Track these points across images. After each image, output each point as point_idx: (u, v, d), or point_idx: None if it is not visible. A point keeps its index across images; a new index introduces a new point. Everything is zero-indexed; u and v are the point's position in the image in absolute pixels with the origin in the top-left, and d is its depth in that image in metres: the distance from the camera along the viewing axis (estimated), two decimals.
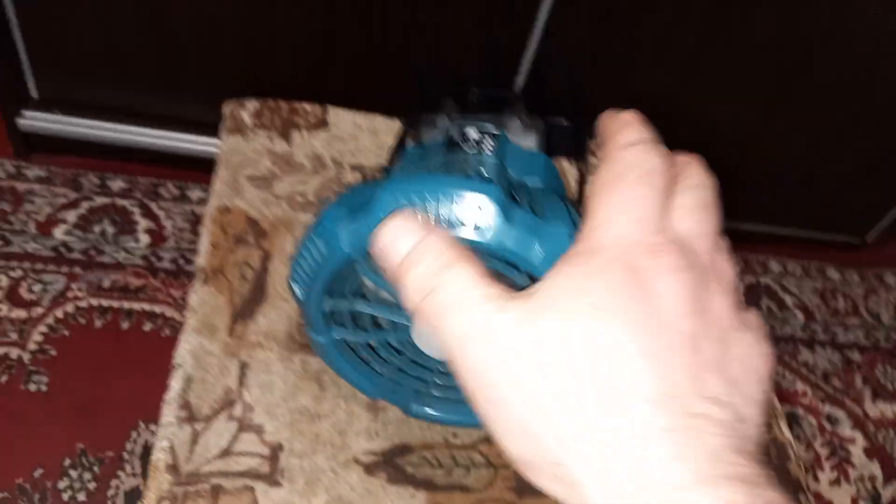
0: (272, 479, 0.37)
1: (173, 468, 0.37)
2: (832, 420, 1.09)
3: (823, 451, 1.05)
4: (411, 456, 0.39)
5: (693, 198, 0.23)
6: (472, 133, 0.34)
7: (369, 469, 0.38)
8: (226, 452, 0.38)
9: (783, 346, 1.17)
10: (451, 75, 1.05)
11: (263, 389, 0.40)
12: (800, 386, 1.13)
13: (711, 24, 0.99)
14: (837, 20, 1.00)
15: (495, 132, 0.34)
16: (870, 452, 1.06)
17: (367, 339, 0.35)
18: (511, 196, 0.28)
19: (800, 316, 1.24)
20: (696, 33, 1.00)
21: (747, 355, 0.21)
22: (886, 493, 1.02)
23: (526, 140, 0.35)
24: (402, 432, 0.40)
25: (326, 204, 0.30)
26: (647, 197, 0.22)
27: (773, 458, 0.43)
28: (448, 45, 1.02)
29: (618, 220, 0.21)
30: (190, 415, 0.39)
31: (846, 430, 1.08)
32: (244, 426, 0.39)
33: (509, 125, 0.36)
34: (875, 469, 1.04)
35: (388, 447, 0.39)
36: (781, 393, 1.12)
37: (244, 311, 0.44)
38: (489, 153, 0.33)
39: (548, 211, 0.28)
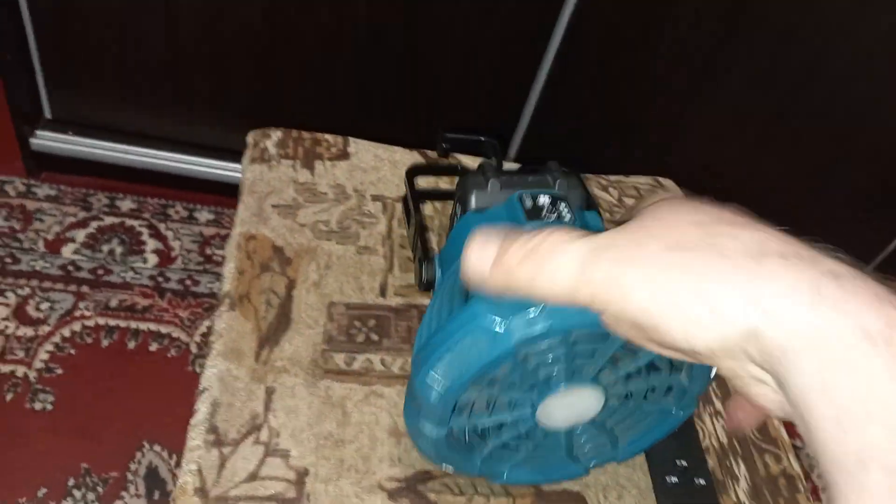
0: (298, 503, 0.38)
1: (201, 491, 0.38)
2: None
3: (821, 483, 1.06)
4: (433, 483, 0.40)
5: None
6: (545, 200, 0.34)
7: (392, 495, 0.39)
8: (252, 476, 0.39)
9: None
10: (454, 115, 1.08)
11: (289, 414, 0.41)
12: None
13: (706, 64, 1.02)
14: (826, 57, 1.03)
15: (564, 196, 0.35)
16: None
17: (489, 423, 0.34)
18: None
19: None
20: (690, 72, 1.03)
21: None
22: None
23: (576, 198, 0.36)
24: (424, 459, 0.41)
25: (461, 301, 0.31)
26: None
27: (783, 490, 0.44)
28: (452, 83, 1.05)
29: None
30: (217, 439, 0.40)
31: None
32: (270, 451, 0.40)
33: (569, 187, 0.36)
34: None
35: (411, 473, 0.40)
36: (786, 426, 1.12)
37: (270, 337, 0.45)
38: (569, 220, 0.33)
39: None
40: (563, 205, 0.34)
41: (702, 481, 0.41)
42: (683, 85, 1.05)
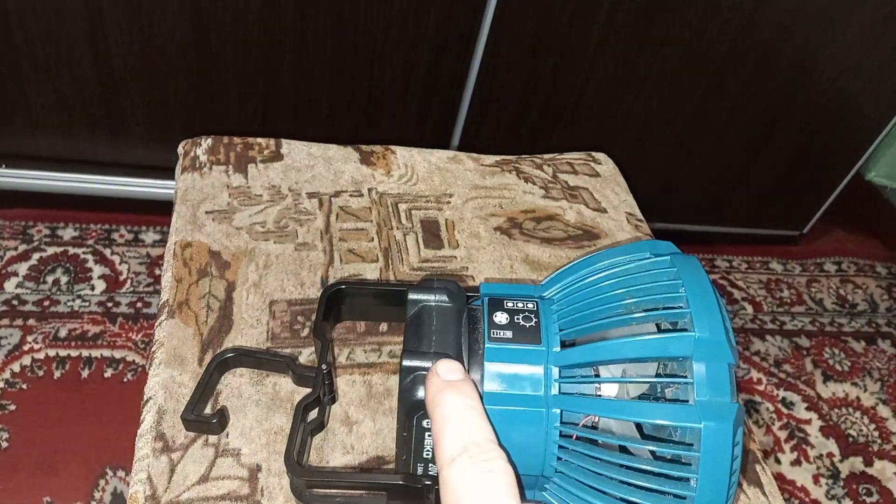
0: (252, 499, 0.38)
1: (152, 498, 0.38)
2: (787, 404, 1.14)
3: (782, 434, 1.10)
4: (388, 467, 0.41)
5: None
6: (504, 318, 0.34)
7: None
8: (204, 478, 0.39)
9: (735, 337, 1.22)
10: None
11: (237, 414, 0.41)
12: (754, 374, 1.18)
13: (636, 39, 1.05)
14: (751, 21, 1.07)
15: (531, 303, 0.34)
16: (825, 431, 1.11)
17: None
18: None
19: (748, 308, 1.29)
20: (623, 47, 1.06)
21: None
22: (844, 468, 1.07)
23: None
24: (376, 445, 0.41)
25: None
26: None
27: None
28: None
29: None
30: (165, 445, 0.40)
31: (801, 412, 1.13)
32: (220, 451, 0.40)
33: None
34: (832, 447, 1.09)
35: (365, 460, 0.41)
36: (738, 382, 1.16)
37: (212, 340, 0.45)
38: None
39: None
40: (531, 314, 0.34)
41: None
42: (616, 65, 1.07)
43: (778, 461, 1.05)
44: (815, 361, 1.21)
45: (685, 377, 0.30)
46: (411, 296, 0.35)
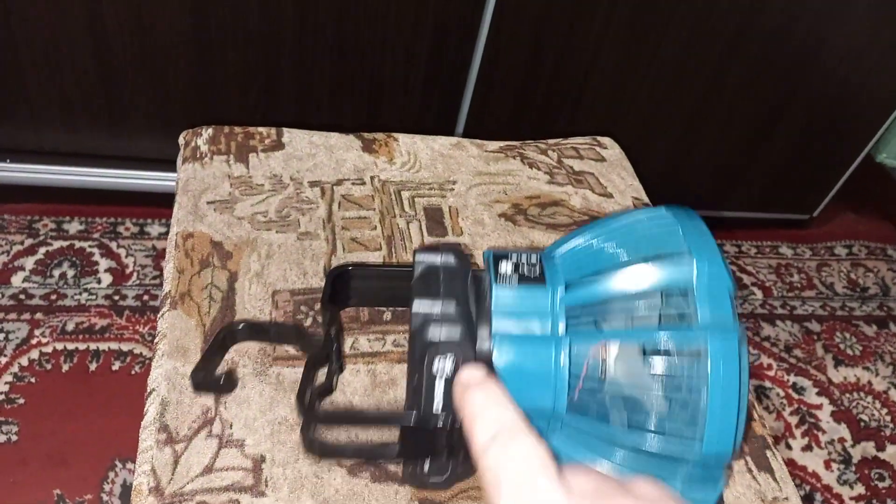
0: (257, 489, 0.38)
1: (157, 489, 0.37)
2: (798, 389, 1.13)
3: (793, 420, 1.09)
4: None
5: None
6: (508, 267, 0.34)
7: (352, 471, 0.39)
8: (208, 469, 0.38)
9: (745, 322, 1.21)
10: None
11: (241, 405, 0.41)
12: (764, 360, 1.17)
13: (642, 21, 1.03)
14: (761, 7, 1.05)
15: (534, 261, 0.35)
16: (837, 416, 1.10)
17: None
18: None
19: (758, 293, 1.28)
20: (628, 31, 1.04)
21: None
22: (856, 453, 1.06)
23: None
24: (381, 433, 0.41)
25: None
26: None
27: None
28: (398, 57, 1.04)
29: None
30: (169, 437, 0.39)
31: (812, 397, 1.12)
32: (224, 442, 0.40)
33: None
34: (843, 432, 1.08)
35: (370, 449, 0.40)
36: (750, 367, 1.15)
37: (215, 331, 0.44)
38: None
39: None
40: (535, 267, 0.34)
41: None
42: (621, 48, 1.06)
43: (789, 447, 1.05)
44: (826, 346, 1.20)
45: (688, 310, 0.30)
46: (418, 256, 0.35)
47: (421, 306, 0.32)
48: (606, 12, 1.01)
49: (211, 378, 0.38)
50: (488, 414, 0.29)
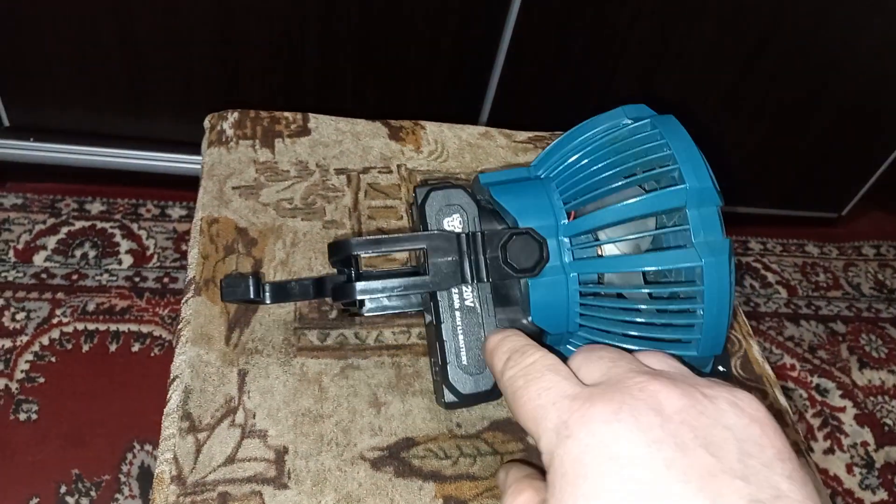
0: (279, 482, 0.37)
1: (178, 479, 0.37)
2: (821, 391, 1.11)
3: (815, 422, 1.07)
4: (416, 449, 0.39)
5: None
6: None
7: (376, 465, 0.39)
8: (230, 460, 0.38)
9: (768, 321, 1.19)
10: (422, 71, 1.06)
11: (264, 395, 0.40)
12: (787, 360, 1.15)
13: (672, 13, 1.01)
14: None
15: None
16: (860, 420, 1.08)
17: None
18: None
19: (783, 292, 1.26)
20: (658, 21, 1.02)
21: (746, 434, 0.24)
22: (879, 458, 1.04)
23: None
24: (405, 426, 0.40)
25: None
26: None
27: None
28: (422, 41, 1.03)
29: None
30: (192, 425, 0.39)
31: (836, 399, 1.10)
32: (247, 432, 0.39)
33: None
34: (867, 435, 1.06)
35: (393, 442, 0.39)
36: (772, 367, 1.13)
37: (239, 318, 0.44)
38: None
39: None
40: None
41: (721, 368, 0.41)
42: (651, 37, 1.04)
43: (811, 449, 1.03)
44: (851, 348, 1.18)
45: (682, 225, 0.34)
46: (418, 189, 0.37)
47: (424, 186, 0.36)
48: (638, 1, 0.99)
49: (238, 277, 0.39)
50: (505, 343, 0.32)
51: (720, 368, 0.43)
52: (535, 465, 0.33)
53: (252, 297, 0.39)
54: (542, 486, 0.28)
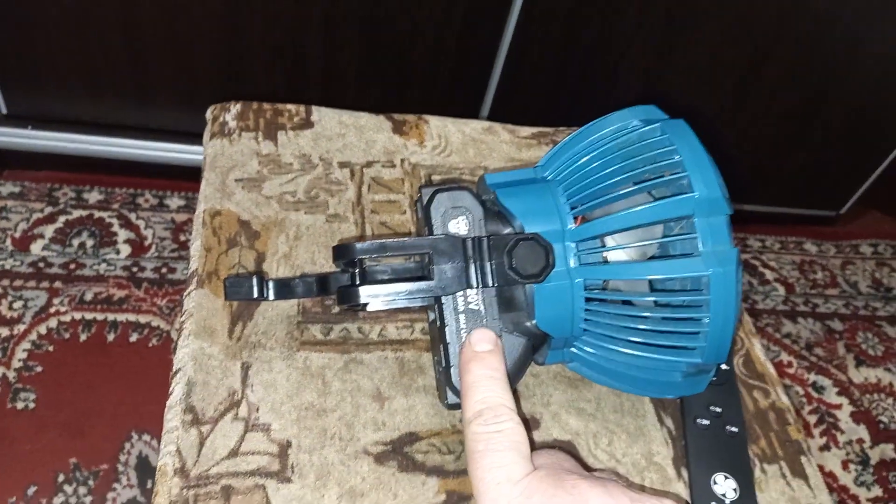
0: (282, 475, 0.37)
1: (182, 471, 0.37)
2: (818, 388, 1.12)
3: (812, 419, 1.08)
4: (420, 444, 0.39)
5: None
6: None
7: (379, 459, 0.39)
8: (234, 453, 0.38)
9: (766, 319, 1.20)
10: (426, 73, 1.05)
11: (267, 388, 0.40)
12: (784, 357, 1.15)
13: (678, 11, 1.01)
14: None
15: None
16: (856, 417, 1.09)
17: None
18: None
19: (780, 289, 1.26)
20: (664, 20, 1.02)
21: None
22: (874, 455, 1.05)
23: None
24: (408, 421, 0.40)
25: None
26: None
27: (773, 423, 0.44)
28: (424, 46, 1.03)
29: None
30: (195, 418, 0.39)
31: (832, 397, 1.11)
32: (251, 426, 0.39)
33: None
34: (862, 433, 1.07)
35: (396, 437, 0.40)
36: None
37: (242, 312, 0.44)
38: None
39: None
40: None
41: (734, 429, 0.41)
42: (655, 39, 1.03)
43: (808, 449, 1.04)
44: (848, 345, 1.18)
45: (690, 233, 0.34)
46: (424, 189, 0.37)
47: (429, 187, 0.36)
48: (642, 3, 0.99)
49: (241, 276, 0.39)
50: (481, 389, 0.32)
51: (723, 366, 0.43)
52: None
53: (256, 296, 0.39)
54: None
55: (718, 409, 0.41)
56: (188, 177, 1.13)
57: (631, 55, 1.05)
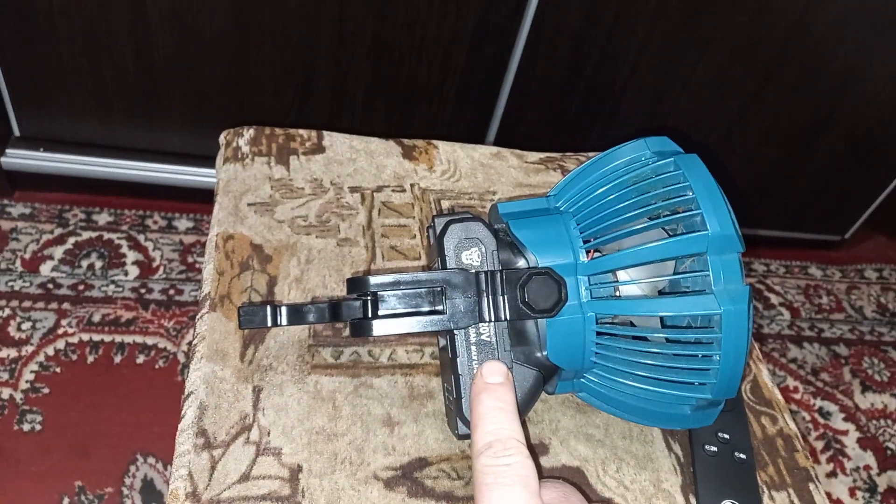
0: (293, 500, 0.37)
1: (193, 496, 0.37)
2: (824, 414, 1.11)
3: (818, 445, 1.07)
4: (429, 469, 0.40)
5: None
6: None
7: (389, 484, 0.39)
8: (245, 477, 0.38)
9: (771, 343, 1.20)
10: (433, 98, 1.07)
11: (279, 412, 0.41)
12: (790, 382, 1.15)
13: (684, 33, 1.02)
14: (803, 21, 1.03)
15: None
16: (863, 443, 1.08)
17: None
18: None
19: (786, 314, 1.26)
20: (669, 45, 1.03)
21: None
22: (882, 482, 1.04)
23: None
24: (418, 446, 0.40)
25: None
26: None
27: (781, 450, 0.44)
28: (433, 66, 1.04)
29: None
30: (207, 442, 0.39)
31: (839, 422, 1.10)
32: (262, 450, 0.39)
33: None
34: (869, 459, 1.06)
35: (406, 462, 0.40)
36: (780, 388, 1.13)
37: (254, 335, 0.44)
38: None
39: None
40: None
41: (742, 456, 0.41)
42: (661, 63, 1.05)
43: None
44: (854, 371, 1.18)
45: (702, 270, 0.34)
46: (437, 219, 0.37)
47: (442, 217, 0.37)
48: (648, 26, 1.00)
49: (254, 305, 0.39)
50: (491, 421, 0.32)
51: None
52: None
53: (270, 324, 0.39)
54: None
55: (727, 436, 0.42)
56: (197, 199, 1.15)
57: (637, 75, 1.06)
